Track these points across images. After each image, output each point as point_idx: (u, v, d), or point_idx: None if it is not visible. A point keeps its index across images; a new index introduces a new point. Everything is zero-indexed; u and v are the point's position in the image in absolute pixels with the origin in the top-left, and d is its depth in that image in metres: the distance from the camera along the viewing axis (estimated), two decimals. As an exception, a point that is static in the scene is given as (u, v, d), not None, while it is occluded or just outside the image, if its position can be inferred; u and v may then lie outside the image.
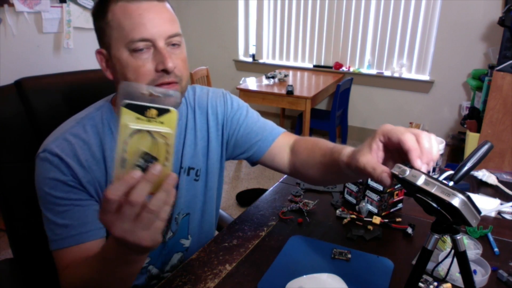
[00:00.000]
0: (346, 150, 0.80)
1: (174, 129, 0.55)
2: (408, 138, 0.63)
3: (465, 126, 2.99)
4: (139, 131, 0.54)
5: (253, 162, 1.06)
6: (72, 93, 1.11)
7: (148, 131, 0.54)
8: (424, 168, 0.61)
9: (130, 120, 0.54)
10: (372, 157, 0.68)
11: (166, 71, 0.81)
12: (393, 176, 0.64)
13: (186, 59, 0.87)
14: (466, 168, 0.62)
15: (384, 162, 0.69)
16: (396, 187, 1.10)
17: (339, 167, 0.81)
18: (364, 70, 4.25)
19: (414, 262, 0.88)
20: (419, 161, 0.62)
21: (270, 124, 1.05)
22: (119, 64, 0.82)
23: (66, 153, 0.84)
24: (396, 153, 0.68)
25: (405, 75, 4.06)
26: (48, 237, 0.86)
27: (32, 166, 0.87)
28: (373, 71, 4.21)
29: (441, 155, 1.34)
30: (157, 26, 0.80)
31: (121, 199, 0.54)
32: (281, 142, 1.02)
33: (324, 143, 0.94)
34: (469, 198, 0.56)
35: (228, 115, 1.04)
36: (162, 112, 0.55)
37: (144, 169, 0.55)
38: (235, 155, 1.06)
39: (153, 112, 0.55)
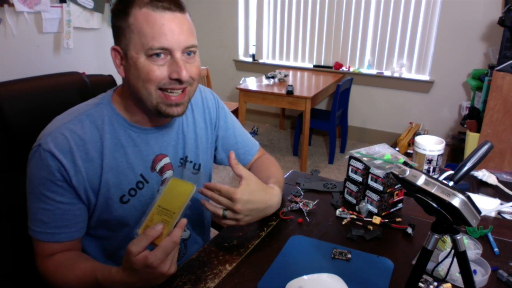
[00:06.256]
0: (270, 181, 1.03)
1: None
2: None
3: (465, 126, 2.99)
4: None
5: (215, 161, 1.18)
6: (47, 99, 1.07)
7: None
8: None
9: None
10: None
11: (179, 81, 0.85)
12: (393, 176, 0.64)
13: (199, 65, 0.92)
14: (466, 168, 0.62)
15: None
16: (396, 187, 1.10)
17: None
18: (364, 70, 4.24)
19: (414, 262, 0.88)
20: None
21: (248, 136, 1.22)
22: (134, 65, 0.85)
23: (59, 148, 0.85)
24: None
25: (405, 75, 4.06)
26: (28, 220, 0.88)
27: (6, 177, 0.86)
28: (373, 71, 4.20)
29: (441, 155, 1.34)
30: (177, 37, 0.84)
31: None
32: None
33: (267, 170, 1.12)
34: (469, 198, 0.56)
35: (218, 116, 1.13)
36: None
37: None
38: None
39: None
